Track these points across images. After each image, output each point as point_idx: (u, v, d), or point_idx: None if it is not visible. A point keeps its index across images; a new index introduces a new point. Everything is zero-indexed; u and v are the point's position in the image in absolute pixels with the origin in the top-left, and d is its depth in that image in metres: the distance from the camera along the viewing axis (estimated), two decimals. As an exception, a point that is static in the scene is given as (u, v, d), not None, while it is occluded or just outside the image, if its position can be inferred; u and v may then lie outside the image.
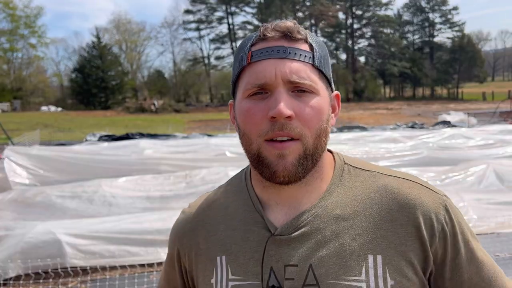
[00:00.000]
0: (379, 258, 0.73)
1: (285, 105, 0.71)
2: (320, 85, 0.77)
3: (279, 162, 0.73)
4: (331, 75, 0.82)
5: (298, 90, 0.74)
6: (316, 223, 0.76)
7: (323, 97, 0.77)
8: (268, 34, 0.76)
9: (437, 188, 0.82)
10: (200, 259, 0.86)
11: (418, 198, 0.77)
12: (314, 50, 0.77)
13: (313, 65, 0.76)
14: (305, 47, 0.77)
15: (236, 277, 0.79)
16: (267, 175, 0.75)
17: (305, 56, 0.75)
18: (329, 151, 0.86)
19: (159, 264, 4.39)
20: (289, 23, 0.77)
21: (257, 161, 0.76)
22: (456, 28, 65.65)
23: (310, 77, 0.75)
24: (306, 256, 0.75)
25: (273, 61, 0.74)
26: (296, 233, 0.76)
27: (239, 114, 0.78)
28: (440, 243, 0.76)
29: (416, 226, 0.75)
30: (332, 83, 0.83)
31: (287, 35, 0.75)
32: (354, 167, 0.83)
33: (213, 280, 0.82)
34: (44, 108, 47.44)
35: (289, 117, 0.72)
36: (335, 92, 0.84)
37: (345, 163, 0.84)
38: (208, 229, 0.86)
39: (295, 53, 0.75)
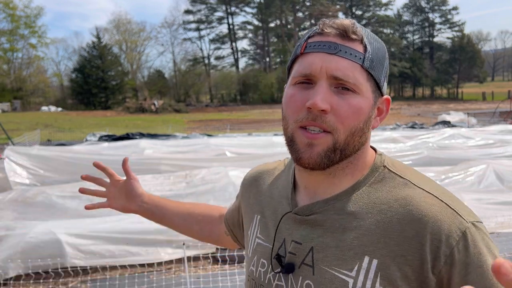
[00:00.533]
0: (374, 262, 0.74)
1: (322, 99, 0.75)
2: (365, 86, 0.78)
3: (307, 150, 0.78)
4: (383, 79, 0.82)
5: (342, 87, 0.76)
6: (330, 213, 0.81)
7: (366, 99, 0.78)
8: (325, 30, 0.79)
9: (469, 213, 0.75)
10: (246, 210, 1.02)
11: (434, 216, 0.73)
12: (367, 52, 0.78)
13: (361, 66, 0.77)
14: (359, 47, 0.78)
15: (261, 236, 0.92)
16: (294, 158, 0.82)
17: (355, 56, 0.77)
18: (374, 150, 0.88)
19: (159, 264, 4.40)
20: (346, 22, 0.79)
21: (289, 144, 0.82)
22: (456, 28, 65.72)
23: (356, 77, 0.76)
24: (311, 239, 0.81)
25: (322, 55, 0.77)
26: (310, 216, 0.83)
27: (284, 98, 0.84)
28: (445, 268, 0.71)
29: (421, 243, 0.72)
30: (384, 87, 0.83)
31: (342, 33, 0.78)
32: (390, 171, 0.82)
33: (249, 232, 0.98)
34: (44, 108, 47.45)
35: (324, 110, 0.75)
36: (385, 96, 0.84)
37: (383, 166, 0.84)
38: (259, 189, 1.00)
39: (346, 51, 0.76)
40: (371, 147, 0.88)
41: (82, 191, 1.27)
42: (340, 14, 61.47)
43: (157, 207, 1.22)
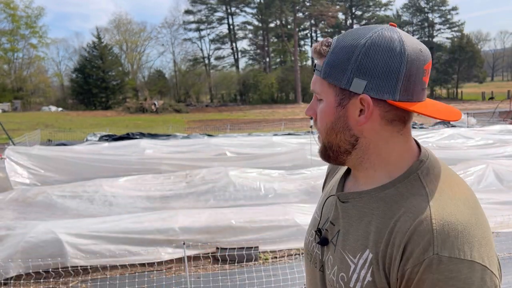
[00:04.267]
0: (370, 255, 0.85)
1: (307, 108, 0.96)
2: (328, 93, 0.90)
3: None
4: (348, 79, 0.85)
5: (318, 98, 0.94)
6: (359, 205, 0.92)
7: (328, 103, 0.91)
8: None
9: (451, 248, 0.75)
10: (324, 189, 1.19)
11: (412, 236, 0.79)
12: (324, 63, 0.89)
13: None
14: (322, 61, 0.90)
15: (316, 211, 1.09)
16: None
17: (318, 70, 0.91)
18: (419, 149, 0.95)
19: (160, 263, 4.41)
20: (317, 43, 0.93)
21: None
22: (456, 28, 65.59)
23: (320, 88, 0.91)
24: (340, 223, 0.95)
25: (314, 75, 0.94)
26: (344, 203, 0.96)
27: None
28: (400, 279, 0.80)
29: (401, 255, 0.79)
30: (354, 85, 0.85)
31: (317, 53, 0.93)
32: (419, 179, 0.86)
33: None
34: (44, 108, 47.46)
35: (311, 117, 0.95)
36: (360, 96, 0.85)
37: (416, 172, 0.87)
38: (332, 172, 1.17)
39: (316, 69, 0.92)
40: (419, 147, 0.95)
41: None
42: (340, 15, 61.46)
43: None
